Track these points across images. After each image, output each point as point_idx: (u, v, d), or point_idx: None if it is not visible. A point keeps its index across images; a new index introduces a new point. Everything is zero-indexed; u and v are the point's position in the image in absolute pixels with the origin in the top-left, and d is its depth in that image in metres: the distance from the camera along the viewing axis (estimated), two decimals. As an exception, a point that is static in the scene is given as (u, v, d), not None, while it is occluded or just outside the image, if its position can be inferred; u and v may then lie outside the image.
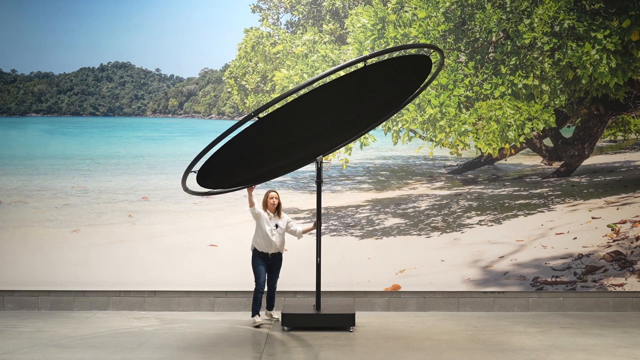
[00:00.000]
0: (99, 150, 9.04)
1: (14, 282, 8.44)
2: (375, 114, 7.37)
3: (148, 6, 9.09)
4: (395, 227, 8.62)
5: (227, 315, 8.19)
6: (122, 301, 8.44)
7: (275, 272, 7.59)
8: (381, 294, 8.48)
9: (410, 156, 8.93)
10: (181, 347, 6.58)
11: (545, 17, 8.44)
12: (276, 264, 7.58)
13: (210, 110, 9.81)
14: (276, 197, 7.54)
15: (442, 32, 8.58)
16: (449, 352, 6.44)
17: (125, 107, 9.62)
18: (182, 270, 8.45)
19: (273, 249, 7.50)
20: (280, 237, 7.53)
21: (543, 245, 8.55)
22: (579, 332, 7.34)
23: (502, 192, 8.78)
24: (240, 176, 7.26)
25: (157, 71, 9.83)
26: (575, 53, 8.42)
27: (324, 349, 6.52)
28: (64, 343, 6.72)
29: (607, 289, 8.51)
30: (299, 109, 6.54)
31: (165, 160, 8.99)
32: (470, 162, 8.91)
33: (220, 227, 8.59)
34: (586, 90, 8.64)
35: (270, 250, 7.50)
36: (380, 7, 8.70)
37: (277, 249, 7.52)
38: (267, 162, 7.31)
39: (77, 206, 8.66)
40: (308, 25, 8.99)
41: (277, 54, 8.97)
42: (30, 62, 9.23)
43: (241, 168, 7.10)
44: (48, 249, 8.50)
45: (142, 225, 8.59)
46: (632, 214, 8.63)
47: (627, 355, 6.33)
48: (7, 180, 8.75)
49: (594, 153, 8.83)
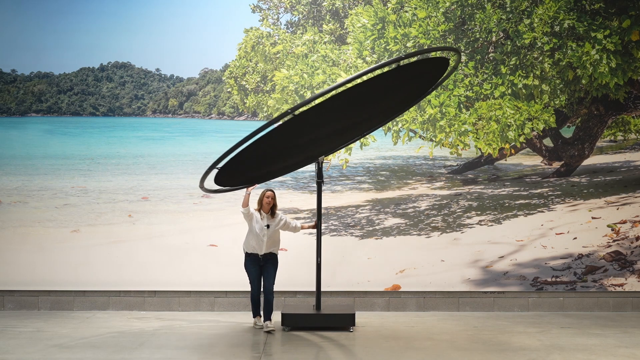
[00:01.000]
0: (99, 150, 9.04)
1: (14, 282, 8.44)
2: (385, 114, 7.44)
3: (148, 6, 9.09)
4: (395, 227, 8.62)
5: (227, 315, 8.19)
6: (122, 301, 8.44)
7: (269, 273, 7.28)
8: (381, 294, 8.48)
9: (410, 156, 8.93)
10: (181, 347, 6.58)
11: (545, 17, 8.44)
12: (269, 265, 7.30)
13: (210, 110, 9.81)
14: (272, 196, 7.33)
15: (442, 32, 8.58)
16: (449, 352, 6.44)
17: (125, 107, 9.62)
18: (182, 270, 8.45)
19: (264, 249, 7.25)
20: (271, 238, 7.28)
21: (543, 245, 8.55)
22: (579, 332, 7.34)
23: (502, 192, 8.78)
24: (246, 175, 7.21)
25: (157, 71, 9.83)
26: (575, 53, 8.42)
27: (324, 349, 6.52)
28: (64, 343, 6.72)
29: (607, 289, 8.51)
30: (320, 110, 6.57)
31: (165, 160, 8.99)
32: (470, 162, 8.91)
33: (220, 227, 8.59)
34: (586, 90, 8.64)
35: (262, 251, 7.25)
36: (380, 7, 8.70)
37: (268, 249, 7.27)
38: (274, 162, 7.30)
39: (77, 206, 8.66)
40: (308, 25, 8.99)
41: (277, 54, 8.97)
42: (30, 62, 9.24)
43: (250, 167, 7.06)
44: (48, 249, 8.50)
45: (142, 225, 8.59)
46: (632, 214, 8.63)
47: (627, 355, 6.33)
48: (7, 180, 8.75)
49: (594, 153, 8.83)
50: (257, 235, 7.25)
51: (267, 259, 7.31)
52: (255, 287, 7.31)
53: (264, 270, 7.31)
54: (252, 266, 7.29)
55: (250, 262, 7.31)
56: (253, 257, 7.30)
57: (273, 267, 7.35)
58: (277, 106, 8.86)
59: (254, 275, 7.30)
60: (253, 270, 7.29)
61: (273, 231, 7.30)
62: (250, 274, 7.31)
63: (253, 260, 7.30)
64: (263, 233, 7.25)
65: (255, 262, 7.30)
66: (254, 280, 7.30)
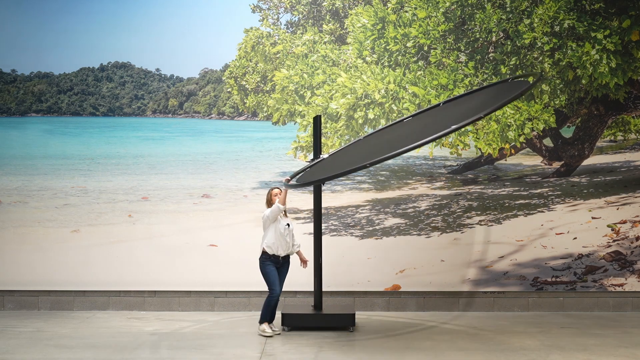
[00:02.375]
0: (99, 150, 9.04)
1: (14, 282, 8.44)
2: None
3: (148, 6, 9.09)
4: (395, 227, 8.62)
5: (227, 315, 8.19)
6: (122, 301, 8.44)
7: (283, 277, 7.19)
8: (381, 294, 8.48)
9: (410, 156, 8.93)
10: (181, 347, 6.58)
11: (545, 17, 8.44)
12: (285, 268, 7.21)
13: (210, 110, 9.81)
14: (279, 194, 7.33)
15: (442, 32, 8.58)
16: (449, 352, 6.44)
17: (125, 107, 9.62)
18: (182, 270, 8.45)
19: (287, 250, 7.15)
20: (291, 237, 7.19)
21: (543, 245, 8.55)
22: (579, 332, 7.34)
23: (502, 192, 8.78)
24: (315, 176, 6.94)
25: (157, 71, 9.83)
26: (575, 53, 8.42)
27: (324, 349, 6.52)
28: (64, 343, 6.72)
29: (607, 289, 8.51)
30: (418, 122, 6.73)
31: (165, 160, 8.99)
32: (470, 162, 8.91)
33: (220, 227, 8.59)
34: (586, 90, 8.64)
35: (284, 252, 7.13)
36: (380, 7, 8.70)
37: (290, 249, 7.17)
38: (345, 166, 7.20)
39: (77, 206, 8.66)
40: (308, 25, 8.99)
41: (277, 54, 8.97)
42: (30, 62, 9.23)
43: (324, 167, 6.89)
44: (48, 249, 8.50)
45: (142, 225, 8.59)
46: (632, 214, 8.63)
47: (627, 355, 6.33)
48: (7, 180, 8.75)
49: (594, 153, 8.83)
50: (281, 234, 7.09)
51: (284, 262, 7.19)
52: (277, 288, 7.07)
53: (280, 273, 7.16)
54: (272, 267, 7.10)
55: (270, 264, 7.10)
56: (274, 259, 7.12)
57: (286, 271, 7.24)
58: (277, 106, 8.87)
59: (275, 277, 7.08)
60: (274, 272, 7.09)
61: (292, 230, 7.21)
62: (271, 275, 7.07)
63: (273, 261, 7.12)
64: (286, 232, 7.14)
65: (276, 263, 7.13)
66: (275, 282, 7.06)
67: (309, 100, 8.74)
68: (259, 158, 9.07)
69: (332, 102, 8.64)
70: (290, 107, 8.83)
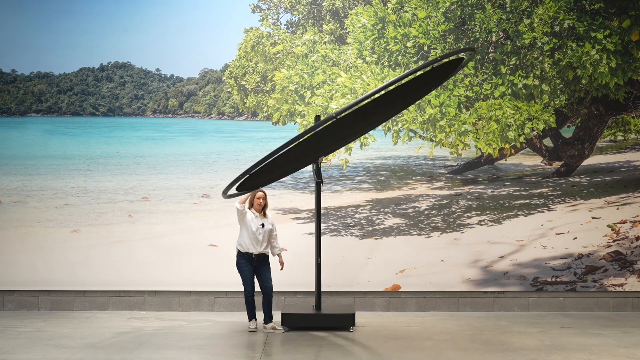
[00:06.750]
0: (99, 150, 9.04)
1: (14, 282, 8.44)
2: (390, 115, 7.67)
3: (148, 6, 9.09)
4: (395, 227, 8.62)
5: (227, 315, 8.19)
6: (122, 301, 8.44)
7: (265, 274, 7.25)
8: (381, 294, 8.48)
9: (410, 156, 8.93)
10: (181, 347, 6.58)
11: (545, 17, 8.44)
12: (264, 266, 7.26)
13: (210, 110, 9.81)
14: (263, 197, 7.26)
15: (442, 32, 8.58)
16: (449, 352, 6.44)
17: (125, 107, 9.62)
18: (182, 270, 8.45)
19: (260, 248, 7.20)
20: (265, 237, 7.23)
21: (543, 245, 8.55)
22: (579, 332, 7.34)
23: (502, 192, 8.78)
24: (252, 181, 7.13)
25: (157, 71, 9.83)
26: (575, 53, 8.42)
27: (324, 349, 6.52)
28: (64, 343, 6.72)
29: (607, 289, 8.51)
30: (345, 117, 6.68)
31: (165, 160, 8.99)
32: (470, 162, 8.91)
33: (220, 227, 8.58)
34: (586, 90, 8.64)
35: (256, 250, 7.19)
36: (380, 7, 8.70)
37: (263, 248, 7.24)
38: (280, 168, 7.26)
39: (77, 206, 8.66)
40: (308, 25, 8.99)
41: (277, 54, 8.97)
42: (30, 62, 9.24)
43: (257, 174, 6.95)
44: (48, 249, 8.50)
45: (142, 225, 8.59)
46: (632, 214, 8.63)
47: (627, 355, 6.33)
48: (7, 180, 8.75)
49: (594, 153, 8.83)
50: (253, 233, 7.18)
51: (260, 260, 7.25)
52: (249, 286, 7.22)
53: (260, 271, 7.25)
54: (246, 265, 7.21)
55: (243, 261, 7.23)
56: (247, 257, 7.22)
57: (268, 268, 7.30)
58: (277, 106, 8.87)
59: (248, 275, 7.22)
60: (247, 270, 7.22)
61: (268, 230, 7.26)
62: (243, 273, 7.23)
63: (247, 259, 7.22)
64: (259, 232, 7.20)
65: (249, 261, 7.22)
66: (247, 280, 7.21)
67: (309, 100, 8.74)
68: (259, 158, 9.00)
69: (332, 102, 8.64)
70: (290, 107, 8.84)
